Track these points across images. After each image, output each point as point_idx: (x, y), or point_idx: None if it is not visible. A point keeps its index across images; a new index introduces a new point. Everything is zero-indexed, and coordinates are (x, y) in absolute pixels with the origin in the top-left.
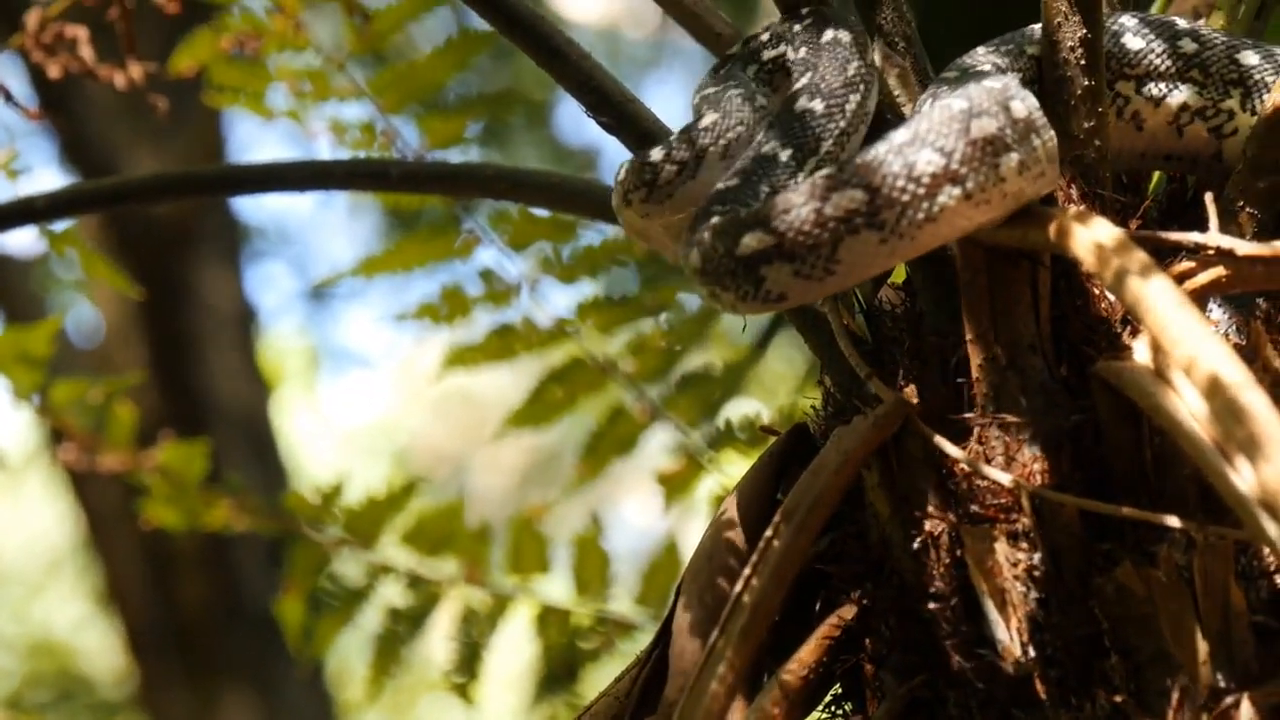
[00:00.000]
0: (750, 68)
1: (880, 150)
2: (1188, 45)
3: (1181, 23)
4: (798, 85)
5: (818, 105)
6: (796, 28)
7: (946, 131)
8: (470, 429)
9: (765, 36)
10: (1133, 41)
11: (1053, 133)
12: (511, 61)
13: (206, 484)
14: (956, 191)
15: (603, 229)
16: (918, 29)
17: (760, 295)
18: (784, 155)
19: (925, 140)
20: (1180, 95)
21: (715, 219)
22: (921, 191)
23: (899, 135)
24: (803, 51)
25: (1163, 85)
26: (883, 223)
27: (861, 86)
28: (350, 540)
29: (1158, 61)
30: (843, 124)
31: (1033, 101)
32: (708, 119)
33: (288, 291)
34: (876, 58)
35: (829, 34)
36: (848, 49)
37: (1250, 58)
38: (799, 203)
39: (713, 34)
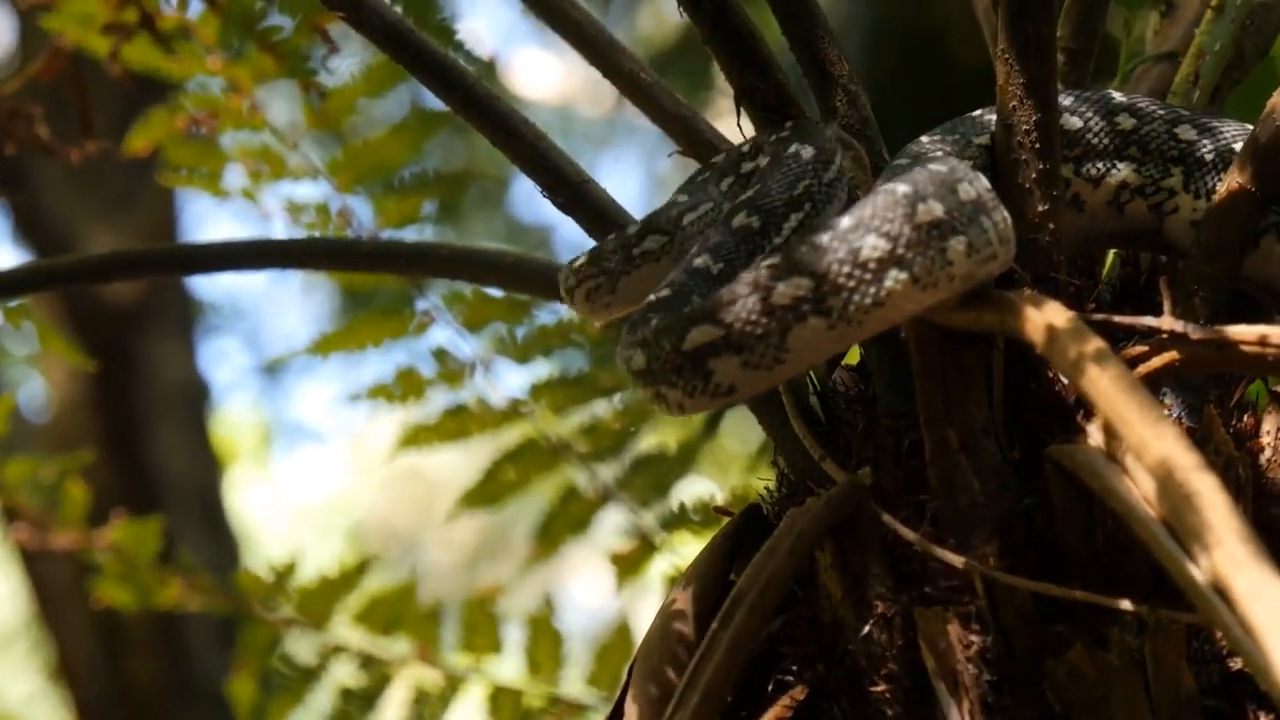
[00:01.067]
0: (727, 179)
1: (824, 237)
2: (1125, 121)
3: (1118, 96)
4: (741, 199)
5: (755, 222)
6: (773, 139)
7: (891, 216)
8: (422, 505)
9: (746, 148)
10: (1071, 121)
11: (1005, 214)
12: (466, 138)
13: (159, 562)
14: (903, 276)
15: (557, 309)
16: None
17: (709, 389)
18: (714, 269)
19: (870, 226)
20: (1119, 174)
21: (657, 320)
22: (867, 276)
23: (843, 221)
24: (765, 164)
25: (1101, 164)
26: (829, 309)
27: (807, 205)
28: (302, 620)
29: (1095, 140)
30: (778, 242)
31: (982, 183)
32: (650, 242)
33: (241, 367)
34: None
35: (793, 148)
36: (804, 165)
37: (1189, 132)
38: (744, 293)
39: (668, 114)
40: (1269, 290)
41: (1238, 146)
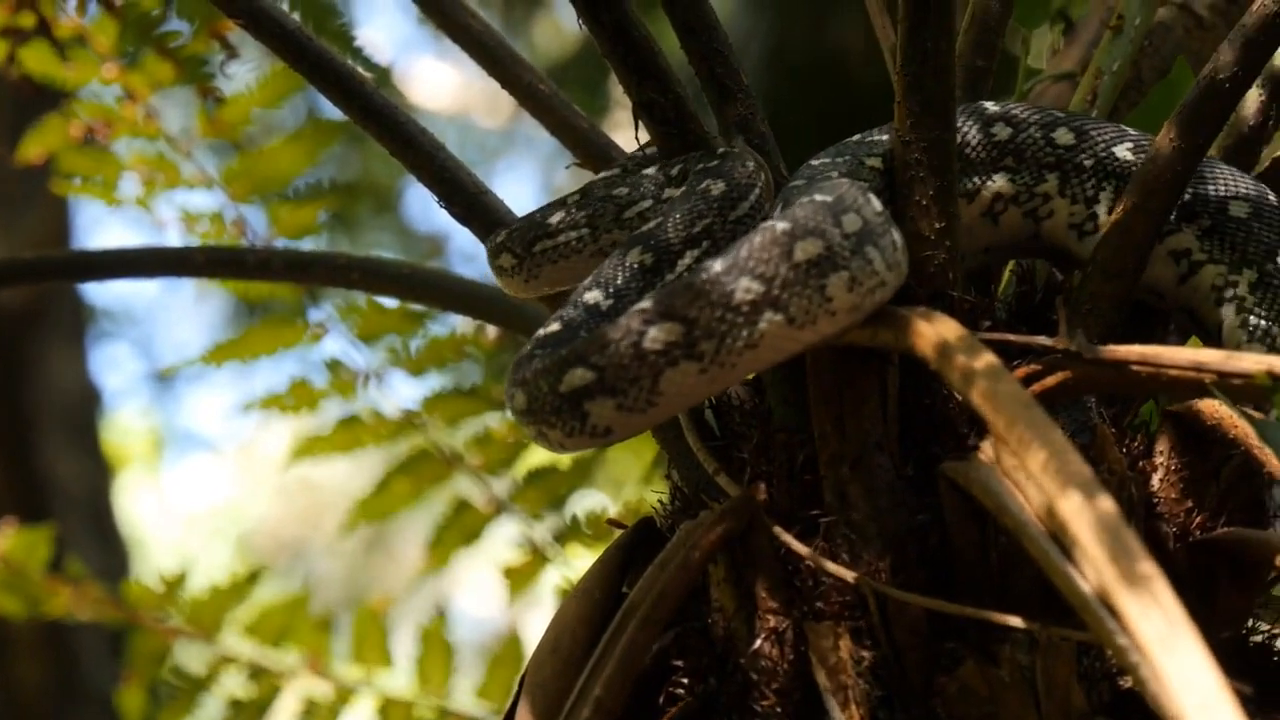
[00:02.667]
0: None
1: (697, 280)
2: (1001, 131)
3: (991, 106)
4: (640, 230)
5: (648, 259)
6: (699, 167)
7: (767, 257)
8: (311, 514)
9: (675, 170)
10: None
11: (896, 237)
12: (360, 147)
13: (49, 571)
14: (778, 317)
15: (450, 321)
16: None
17: (587, 430)
18: (604, 305)
19: (744, 268)
20: (994, 185)
21: (538, 361)
22: (740, 320)
23: (717, 264)
24: (679, 194)
25: (977, 178)
26: (701, 354)
27: (705, 243)
28: (192, 630)
29: (971, 154)
30: (670, 278)
31: (871, 209)
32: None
33: (132, 373)
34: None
35: (704, 183)
36: (709, 202)
37: (1067, 137)
38: (617, 338)
39: (565, 126)
40: (1187, 312)
41: (1117, 150)
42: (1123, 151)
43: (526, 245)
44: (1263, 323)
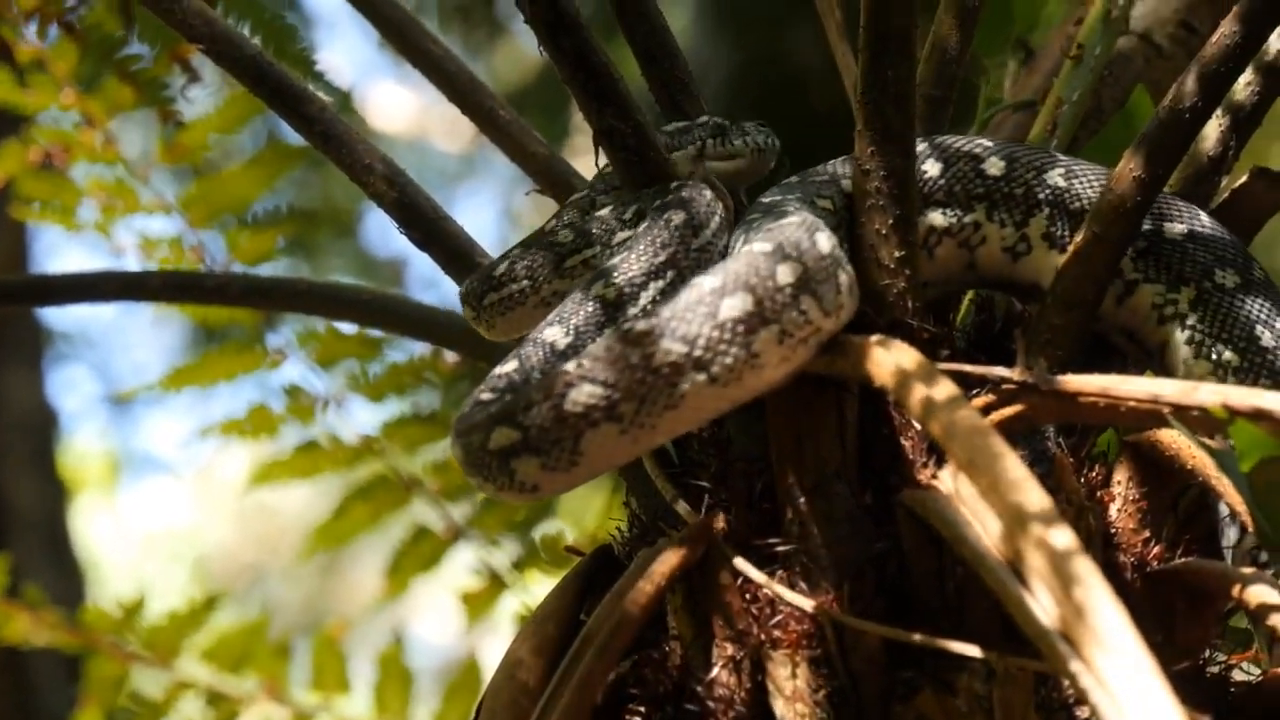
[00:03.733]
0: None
1: (617, 344)
2: (931, 168)
3: (920, 144)
4: (602, 266)
5: (610, 293)
6: (657, 202)
7: (691, 317)
8: (269, 538)
9: (628, 215)
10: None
11: (841, 279)
12: (320, 171)
13: (5, 596)
14: (700, 378)
15: (410, 347)
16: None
17: (515, 486)
18: (563, 344)
19: (667, 330)
20: (926, 220)
21: (475, 414)
22: (660, 382)
23: (640, 325)
24: (643, 225)
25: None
26: (621, 415)
27: (670, 273)
28: (150, 656)
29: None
30: (633, 313)
31: (814, 254)
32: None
33: (89, 396)
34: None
35: (665, 214)
36: (670, 232)
37: (997, 166)
38: (539, 399)
39: (526, 152)
40: (1126, 334)
41: (1049, 176)
42: (1054, 178)
43: (479, 298)
44: (1207, 339)
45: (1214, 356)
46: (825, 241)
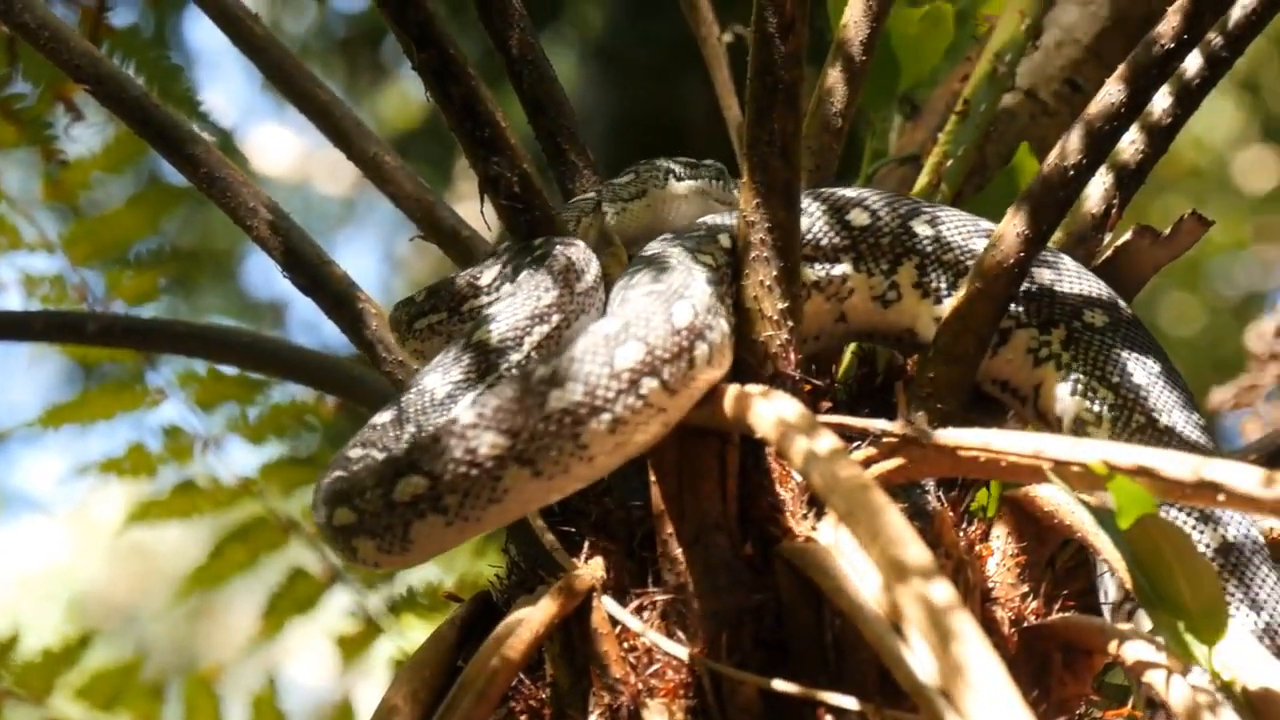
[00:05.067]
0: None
1: (443, 436)
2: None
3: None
4: (485, 313)
5: (492, 339)
6: (537, 253)
7: (516, 409)
8: (143, 578)
9: (509, 267)
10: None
11: (699, 351)
12: (202, 211)
13: None
14: (524, 472)
15: (290, 389)
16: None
17: (360, 561)
18: (441, 393)
19: (490, 423)
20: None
21: (327, 484)
22: (483, 475)
23: (466, 415)
24: (522, 274)
25: None
26: (446, 507)
27: (556, 316)
28: (22, 694)
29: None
30: (516, 358)
31: (661, 332)
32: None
33: None
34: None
35: (546, 261)
36: (552, 276)
37: (861, 218)
38: (370, 485)
39: (410, 197)
40: (1000, 384)
41: (914, 225)
42: (920, 227)
43: (402, 339)
44: (1081, 376)
45: (1090, 394)
46: (682, 315)
